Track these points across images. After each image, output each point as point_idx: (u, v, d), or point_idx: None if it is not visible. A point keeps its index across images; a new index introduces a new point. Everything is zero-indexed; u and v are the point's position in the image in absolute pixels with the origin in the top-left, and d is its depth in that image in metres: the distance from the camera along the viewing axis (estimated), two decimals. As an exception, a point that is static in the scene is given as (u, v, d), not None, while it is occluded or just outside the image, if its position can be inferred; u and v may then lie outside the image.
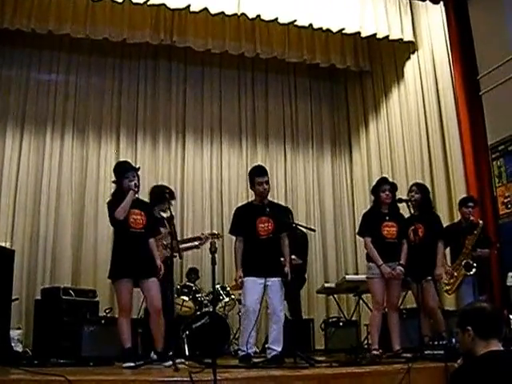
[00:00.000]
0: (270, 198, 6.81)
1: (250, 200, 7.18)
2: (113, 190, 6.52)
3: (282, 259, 6.50)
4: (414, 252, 6.65)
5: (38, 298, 8.64)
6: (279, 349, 6.25)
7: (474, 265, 7.16)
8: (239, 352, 6.36)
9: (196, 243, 8.05)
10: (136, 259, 6.00)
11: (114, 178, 6.44)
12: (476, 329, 3.63)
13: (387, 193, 6.91)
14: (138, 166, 6.41)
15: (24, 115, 10.62)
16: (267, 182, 6.54)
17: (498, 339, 3.66)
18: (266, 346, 6.53)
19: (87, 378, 4.45)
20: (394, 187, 7.01)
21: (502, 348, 3.66)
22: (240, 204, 7.38)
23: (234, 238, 6.71)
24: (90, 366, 6.36)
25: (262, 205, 6.51)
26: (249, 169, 6.99)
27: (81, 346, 7.27)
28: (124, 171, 6.25)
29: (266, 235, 6.42)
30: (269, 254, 6.35)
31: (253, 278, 6.33)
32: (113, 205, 6.08)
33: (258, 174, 6.61)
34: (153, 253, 6.25)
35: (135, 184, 6.06)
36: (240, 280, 6.37)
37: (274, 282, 6.33)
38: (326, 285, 10.01)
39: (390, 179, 7.50)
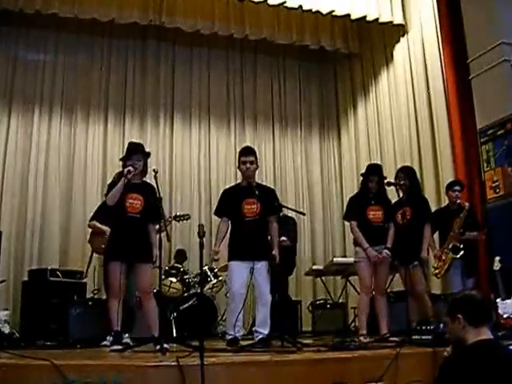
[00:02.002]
0: (258, 180, 6.80)
1: (237, 182, 7.16)
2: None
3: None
4: (402, 236, 6.66)
5: (26, 279, 8.61)
6: (266, 332, 6.26)
7: (462, 247, 7.17)
8: (226, 336, 6.37)
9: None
10: (129, 244, 5.91)
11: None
12: (467, 316, 3.65)
13: (373, 183, 6.93)
14: (148, 151, 6.35)
15: (11, 95, 10.55)
16: (252, 162, 6.49)
17: (488, 326, 3.67)
18: (253, 328, 6.53)
19: (73, 362, 4.40)
20: (381, 178, 6.99)
21: (491, 336, 3.68)
22: (228, 186, 7.35)
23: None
24: (77, 349, 6.36)
25: (249, 186, 6.47)
26: (237, 149, 7.00)
27: (68, 327, 7.27)
28: (130, 153, 6.18)
29: (252, 217, 6.39)
30: (255, 237, 6.31)
31: (238, 262, 6.32)
32: (110, 188, 6.04)
33: (242, 154, 6.61)
34: (150, 239, 6.18)
35: (129, 171, 5.95)
36: (216, 256, 6.48)
37: (261, 265, 6.31)
38: (315, 267, 10.04)
39: (379, 162, 7.51)
